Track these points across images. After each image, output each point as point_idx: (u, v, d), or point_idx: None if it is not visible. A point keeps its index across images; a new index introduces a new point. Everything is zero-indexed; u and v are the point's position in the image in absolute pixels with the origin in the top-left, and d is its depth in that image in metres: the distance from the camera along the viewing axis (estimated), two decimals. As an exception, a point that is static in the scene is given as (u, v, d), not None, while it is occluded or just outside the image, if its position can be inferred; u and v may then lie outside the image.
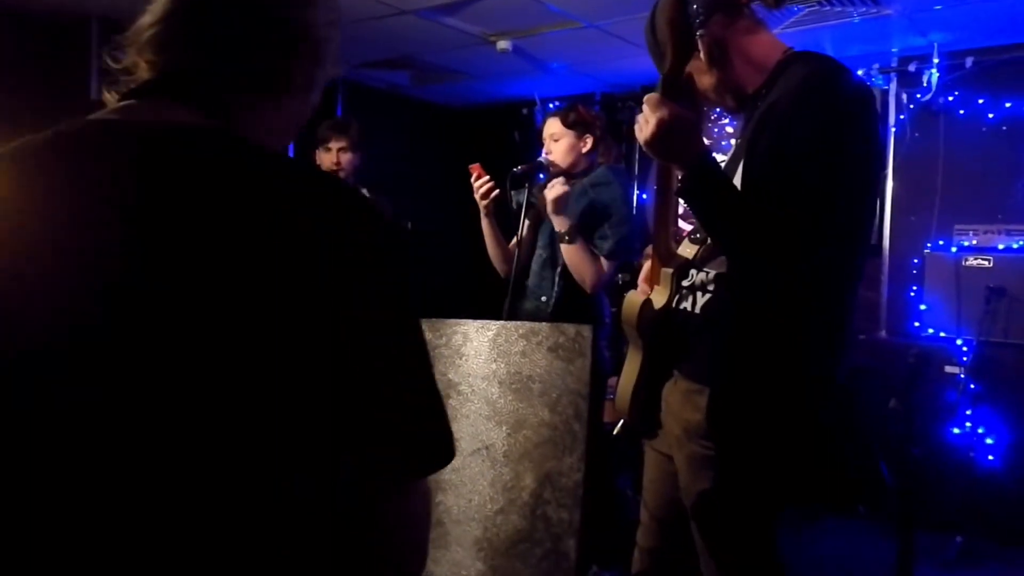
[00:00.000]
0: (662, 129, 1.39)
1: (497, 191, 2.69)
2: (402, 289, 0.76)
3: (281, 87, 0.87)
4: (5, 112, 3.84)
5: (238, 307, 0.69)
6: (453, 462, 2.01)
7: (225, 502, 0.70)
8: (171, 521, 0.70)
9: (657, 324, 1.55)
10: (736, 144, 1.64)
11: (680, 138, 1.41)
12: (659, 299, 1.55)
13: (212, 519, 0.70)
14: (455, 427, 2.00)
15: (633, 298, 1.59)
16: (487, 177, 2.67)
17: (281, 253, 0.70)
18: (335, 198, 0.76)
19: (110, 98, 0.85)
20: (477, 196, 2.68)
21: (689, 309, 1.56)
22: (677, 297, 1.56)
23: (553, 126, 2.71)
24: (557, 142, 2.69)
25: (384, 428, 0.73)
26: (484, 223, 2.75)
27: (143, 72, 0.85)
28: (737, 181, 1.49)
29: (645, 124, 1.41)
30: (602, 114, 2.87)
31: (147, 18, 0.85)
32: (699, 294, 1.54)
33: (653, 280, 1.59)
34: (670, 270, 1.56)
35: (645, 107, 1.42)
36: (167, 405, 0.69)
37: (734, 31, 1.53)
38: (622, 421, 1.67)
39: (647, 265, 1.65)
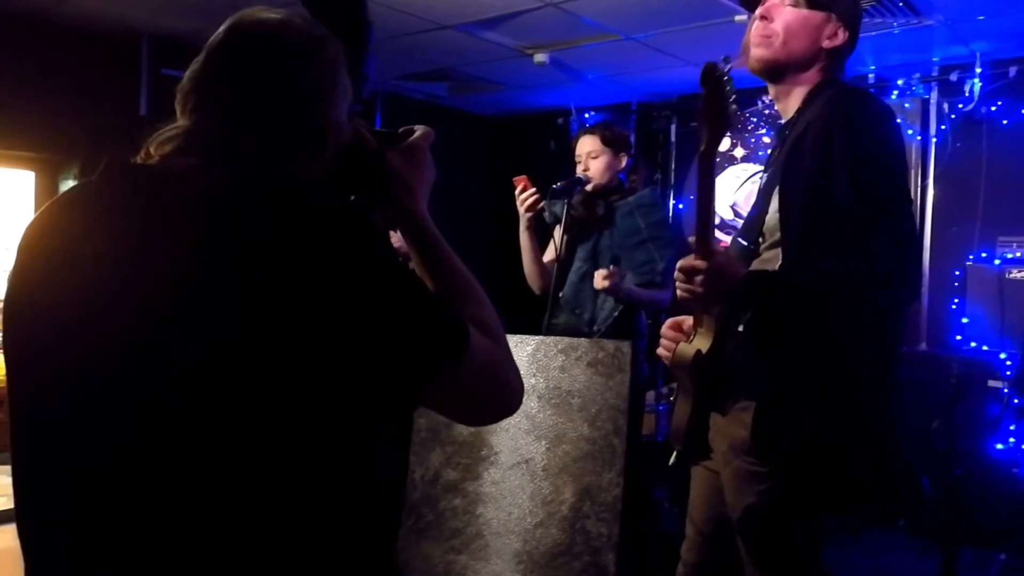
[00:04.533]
0: (708, 282, 1.45)
1: (542, 204, 2.72)
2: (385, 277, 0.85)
3: (305, 139, 0.92)
4: (59, 128, 3.97)
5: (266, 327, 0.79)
6: (493, 475, 2.06)
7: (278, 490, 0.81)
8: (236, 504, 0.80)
9: (707, 367, 1.58)
10: (769, 171, 1.67)
11: (720, 276, 1.46)
12: (704, 343, 1.58)
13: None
14: (495, 440, 2.04)
15: (685, 349, 1.62)
16: (533, 189, 2.69)
17: (295, 282, 0.80)
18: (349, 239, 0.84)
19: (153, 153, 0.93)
20: (522, 209, 2.70)
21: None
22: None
23: (590, 144, 2.74)
24: (595, 159, 2.72)
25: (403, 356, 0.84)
26: (523, 236, 2.78)
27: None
28: (774, 203, 1.53)
29: (693, 290, 1.47)
30: (631, 134, 2.91)
31: (181, 122, 0.92)
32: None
33: (696, 323, 1.62)
34: (713, 316, 1.58)
35: (677, 275, 1.49)
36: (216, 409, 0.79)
37: (829, 36, 1.59)
38: (676, 451, 1.70)
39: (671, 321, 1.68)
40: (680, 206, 5.01)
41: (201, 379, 0.78)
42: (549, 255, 2.84)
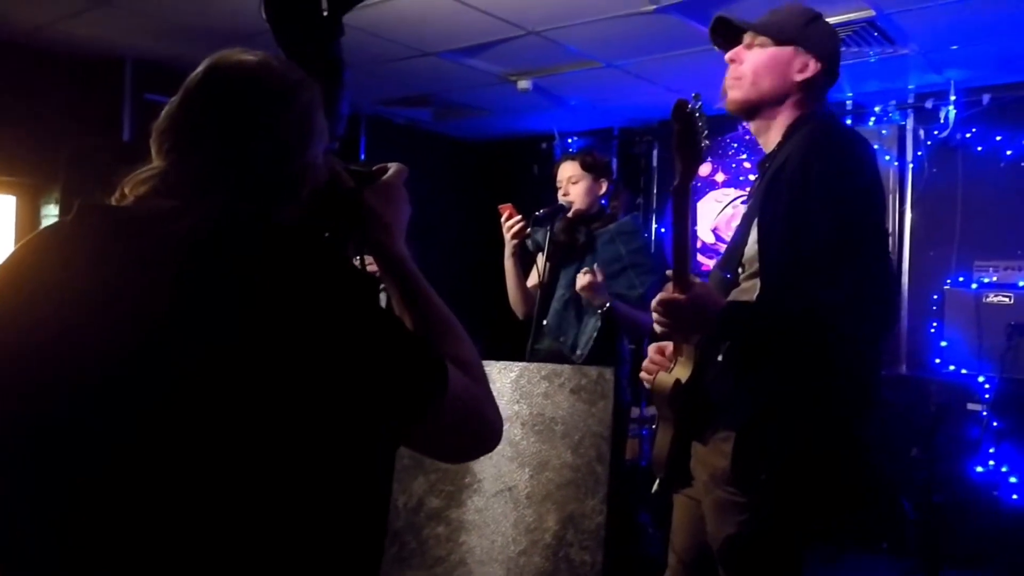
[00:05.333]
0: (686, 314, 1.48)
1: (528, 231, 2.74)
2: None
3: (282, 181, 0.92)
4: (41, 152, 3.94)
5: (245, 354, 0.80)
6: (476, 503, 2.05)
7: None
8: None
9: (686, 397, 1.59)
10: (750, 202, 1.69)
11: (699, 308, 1.48)
12: (684, 372, 1.60)
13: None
14: (478, 467, 2.03)
15: (665, 378, 1.63)
16: (519, 217, 2.72)
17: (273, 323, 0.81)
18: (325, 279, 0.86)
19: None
20: (507, 235, 2.73)
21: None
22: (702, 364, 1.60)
23: (571, 169, 2.76)
24: (576, 184, 2.74)
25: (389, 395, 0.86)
26: (508, 263, 2.79)
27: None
28: (753, 234, 1.55)
29: (672, 323, 1.51)
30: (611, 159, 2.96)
31: (157, 162, 0.92)
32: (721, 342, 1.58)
33: (676, 352, 1.63)
34: (693, 345, 1.60)
35: (655, 308, 1.51)
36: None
37: (800, 70, 1.62)
38: (658, 480, 1.70)
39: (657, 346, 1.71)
40: (662, 230, 5.05)
41: (183, 411, 0.79)
42: (532, 280, 2.85)
